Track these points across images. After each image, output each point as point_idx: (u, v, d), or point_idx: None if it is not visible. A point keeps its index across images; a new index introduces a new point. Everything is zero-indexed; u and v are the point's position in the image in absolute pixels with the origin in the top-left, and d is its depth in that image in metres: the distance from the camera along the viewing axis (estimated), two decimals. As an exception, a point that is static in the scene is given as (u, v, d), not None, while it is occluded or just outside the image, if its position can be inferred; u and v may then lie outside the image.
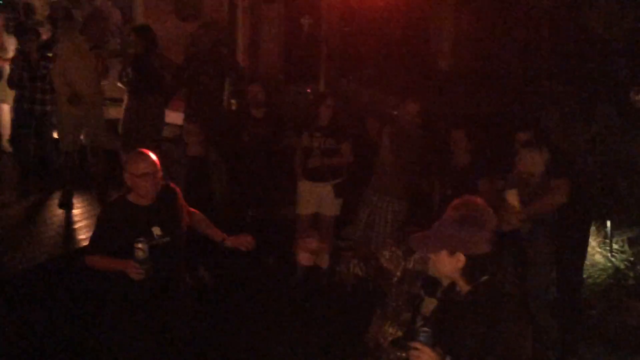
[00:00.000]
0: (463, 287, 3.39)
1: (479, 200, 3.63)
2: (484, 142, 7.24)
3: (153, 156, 4.72)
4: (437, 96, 10.52)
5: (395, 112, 8.00)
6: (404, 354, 3.48)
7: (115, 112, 9.73)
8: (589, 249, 7.21)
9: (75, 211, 8.92)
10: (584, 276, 7.05)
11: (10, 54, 10.06)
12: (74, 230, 8.51)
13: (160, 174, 4.72)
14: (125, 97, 9.25)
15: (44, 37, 10.43)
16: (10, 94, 9.74)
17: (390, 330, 3.83)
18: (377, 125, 7.56)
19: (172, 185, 5.04)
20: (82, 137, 8.98)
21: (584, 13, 7.18)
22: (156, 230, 4.69)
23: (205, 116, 8.20)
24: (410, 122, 7.36)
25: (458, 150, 6.94)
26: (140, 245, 4.41)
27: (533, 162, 5.92)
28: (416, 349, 3.23)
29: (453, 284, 3.45)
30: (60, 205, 8.91)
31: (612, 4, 6.88)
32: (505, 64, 9.66)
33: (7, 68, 9.67)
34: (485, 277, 3.33)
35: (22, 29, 10.22)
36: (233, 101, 10.04)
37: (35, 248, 7.94)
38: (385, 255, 3.97)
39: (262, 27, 12.24)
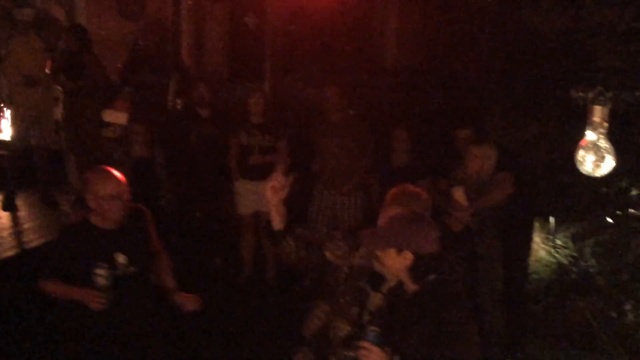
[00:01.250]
0: (410, 286, 3.38)
1: (415, 188, 3.67)
2: (426, 140, 7.27)
3: (119, 175, 4.22)
4: (382, 94, 10.57)
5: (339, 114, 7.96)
6: (352, 354, 3.46)
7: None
8: (534, 245, 7.29)
9: (21, 213, 8.84)
10: (529, 272, 7.12)
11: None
12: (19, 233, 8.38)
13: (127, 195, 4.22)
14: (61, 97, 9.20)
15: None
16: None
17: (341, 325, 3.79)
18: None
19: (141, 207, 4.51)
20: (31, 137, 8.91)
21: (525, 11, 7.20)
22: (120, 258, 4.19)
23: (150, 116, 8.13)
24: (333, 107, 7.31)
25: (398, 149, 6.96)
26: (100, 272, 4.00)
27: (484, 159, 5.96)
28: (364, 348, 3.22)
29: (400, 283, 3.44)
30: (5, 208, 8.82)
31: (552, 1, 6.91)
32: (449, 61, 9.69)
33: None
34: (432, 277, 3.32)
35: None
36: (178, 101, 9.93)
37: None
38: (330, 248, 3.92)
39: (206, 25, 12.18)
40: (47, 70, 8.82)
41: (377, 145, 7.35)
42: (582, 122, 4.14)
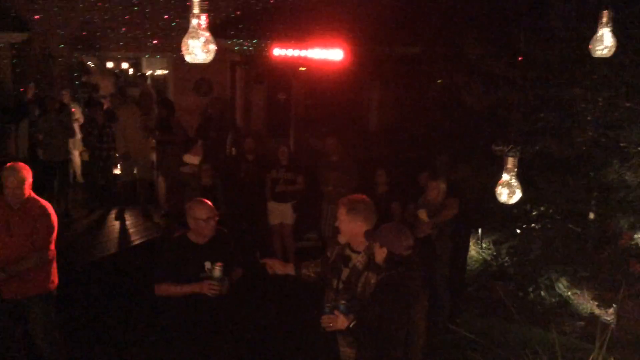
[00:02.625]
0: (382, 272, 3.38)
1: (361, 195, 3.74)
2: (398, 177, 7.27)
3: (211, 204, 4.05)
4: (367, 146, 10.59)
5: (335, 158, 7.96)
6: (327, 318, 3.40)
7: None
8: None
9: (128, 222, 8.78)
10: (466, 265, 7.10)
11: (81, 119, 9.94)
12: (125, 235, 8.35)
13: (216, 219, 4.05)
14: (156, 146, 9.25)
15: (105, 107, 10.36)
16: (79, 143, 9.61)
17: (328, 293, 3.70)
18: None
19: (224, 229, 4.26)
20: (135, 172, 8.88)
21: (462, 93, 7.26)
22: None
23: (214, 159, 8.16)
24: (330, 151, 7.44)
25: (380, 183, 6.96)
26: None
27: (438, 189, 6.02)
28: (335, 315, 3.30)
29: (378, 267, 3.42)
30: (117, 218, 8.75)
31: (479, 88, 6.96)
32: (413, 125, 9.71)
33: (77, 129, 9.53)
34: (392, 271, 3.33)
35: (92, 101, 10.09)
36: (233, 149, 9.96)
37: (99, 247, 7.83)
38: (331, 245, 3.92)
39: (252, 99, 12.23)
40: (143, 129, 8.77)
41: (363, 179, 7.37)
42: (500, 166, 4.15)
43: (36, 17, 11.17)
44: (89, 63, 12.28)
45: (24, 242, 4.27)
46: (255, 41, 11.10)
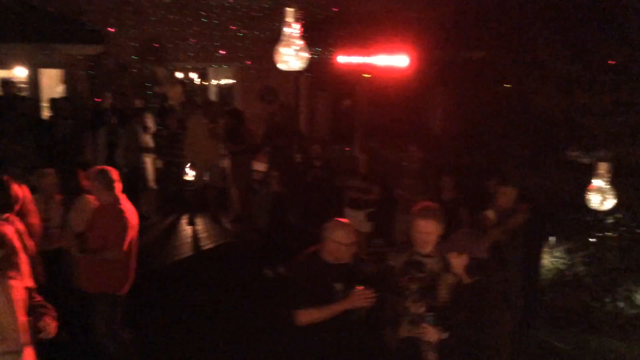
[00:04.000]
0: (466, 280, 3.32)
1: (431, 203, 3.70)
2: (464, 183, 7.17)
3: (353, 228, 3.84)
4: (432, 152, 10.46)
5: (405, 164, 7.92)
6: (416, 330, 3.36)
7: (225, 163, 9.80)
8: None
9: (199, 227, 8.96)
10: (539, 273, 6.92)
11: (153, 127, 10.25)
12: (197, 240, 8.56)
13: (356, 244, 3.78)
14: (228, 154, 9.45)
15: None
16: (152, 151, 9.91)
17: (400, 303, 3.60)
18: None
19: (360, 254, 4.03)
20: (205, 178, 9.10)
21: (532, 97, 7.10)
22: (339, 286, 3.71)
23: (281, 165, 8.25)
24: (411, 158, 7.35)
25: (445, 189, 6.88)
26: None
27: (509, 195, 5.88)
28: (424, 328, 3.20)
29: (460, 278, 3.37)
30: (189, 223, 8.98)
31: (551, 92, 6.79)
32: (479, 130, 9.55)
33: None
34: (479, 277, 3.27)
35: (163, 110, 10.41)
36: (298, 155, 10.04)
37: (172, 251, 8.04)
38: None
39: (316, 106, 12.34)
40: (211, 136, 8.94)
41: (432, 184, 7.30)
42: (573, 172, 4.05)
43: (111, 29, 11.67)
44: (160, 73, 12.66)
45: (99, 238, 4.53)
46: (319, 49, 11.21)
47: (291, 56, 2.67)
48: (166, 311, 6.25)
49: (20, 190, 4.42)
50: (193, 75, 14.93)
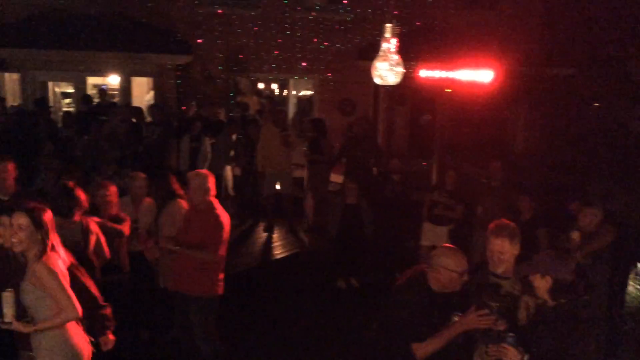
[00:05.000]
0: (549, 302, 3.21)
1: (507, 221, 3.58)
2: (545, 203, 6.92)
3: (464, 256, 3.54)
4: (514, 170, 10.19)
5: (484, 180, 7.73)
6: (495, 349, 3.24)
7: (299, 172, 9.90)
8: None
9: (274, 235, 9.09)
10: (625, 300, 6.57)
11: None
12: (273, 246, 8.69)
13: (467, 273, 3.51)
14: (306, 164, 9.56)
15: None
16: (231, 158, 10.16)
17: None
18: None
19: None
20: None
21: (621, 114, 6.78)
22: (455, 317, 3.41)
23: (358, 177, 8.24)
24: (493, 175, 7.13)
25: (523, 209, 6.65)
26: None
27: (593, 217, 5.62)
28: (504, 348, 3.10)
29: (544, 300, 3.25)
30: (265, 230, 9.14)
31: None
32: (563, 149, 9.25)
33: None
34: (565, 299, 3.15)
35: (244, 120, 10.66)
36: (375, 168, 10.02)
37: (248, 257, 8.19)
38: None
39: (395, 120, 12.31)
40: (283, 144, 8.98)
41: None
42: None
43: (199, 40, 12.14)
44: (243, 83, 13.04)
45: (195, 240, 4.64)
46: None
47: (387, 71, 2.68)
48: (238, 317, 6.35)
49: (84, 194, 4.47)
50: (274, 86, 15.26)
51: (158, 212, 5.34)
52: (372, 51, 11.90)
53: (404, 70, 2.50)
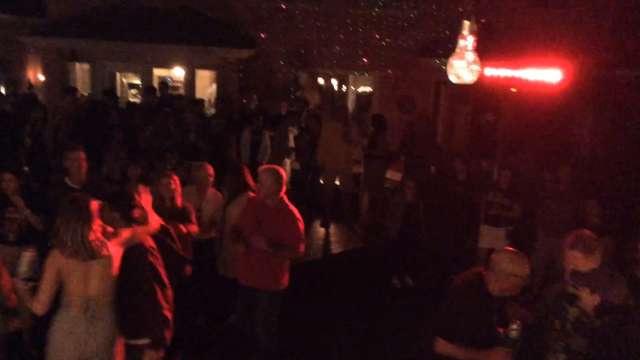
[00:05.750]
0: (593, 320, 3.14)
1: (588, 232, 3.47)
2: (612, 208, 6.66)
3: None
4: (580, 174, 9.88)
5: (547, 183, 7.52)
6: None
7: (357, 169, 9.88)
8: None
9: (331, 230, 9.12)
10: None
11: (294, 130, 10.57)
12: (329, 242, 8.73)
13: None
14: (363, 160, 9.54)
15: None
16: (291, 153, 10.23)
17: (550, 335, 3.48)
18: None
19: None
20: (337, 183, 9.24)
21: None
22: (515, 325, 3.35)
23: (417, 176, 8.16)
24: (561, 179, 6.89)
25: (590, 215, 6.43)
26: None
27: None
28: None
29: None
30: (322, 226, 9.18)
31: None
32: (631, 155, 8.89)
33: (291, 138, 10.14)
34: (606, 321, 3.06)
35: (305, 115, 10.74)
36: (433, 167, 9.90)
37: (308, 250, 8.19)
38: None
39: (456, 118, 12.13)
40: (344, 140, 8.96)
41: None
42: None
43: (262, 35, 12.29)
44: (304, 78, 13.11)
45: (275, 238, 4.57)
46: (463, 60, 11.01)
47: (463, 69, 2.63)
48: (293, 311, 6.39)
49: (140, 197, 4.27)
50: (333, 82, 15.30)
51: (228, 203, 5.39)
52: (435, 48, 11.91)
53: (481, 69, 2.46)
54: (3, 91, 12.67)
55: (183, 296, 4.39)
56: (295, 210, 4.70)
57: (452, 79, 2.74)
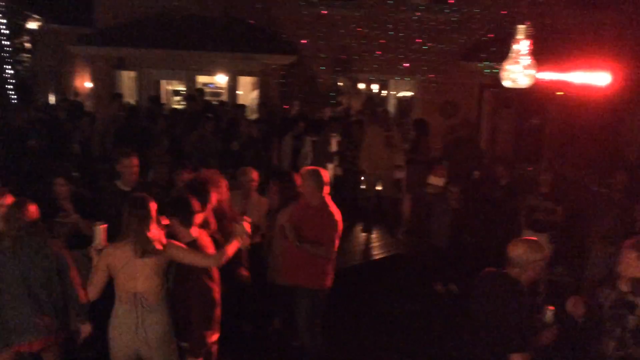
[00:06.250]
0: None
1: None
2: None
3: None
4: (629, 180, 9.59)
5: (595, 188, 7.33)
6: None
7: (399, 174, 9.80)
8: None
9: (372, 235, 9.08)
10: None
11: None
12: (371, 247, 8.70)
13: None
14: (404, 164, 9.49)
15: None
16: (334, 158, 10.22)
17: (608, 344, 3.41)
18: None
19: None
20: (379, 188, 9.21)
21: None
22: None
23: (460, 181, 8.06)
24: (616, 187, 6.67)
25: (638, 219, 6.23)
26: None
27: None
28: None
29: None
30: (363, 231, 9.16)
31: None
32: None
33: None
34: None
35: (347, 120, 10.74)
36: (476, 172, 9.76)
37: (345, 256, 8.16)
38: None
39: (500, 123, 11.94)
40: (386, 145, 8.93)
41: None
42: None
43: (303, 41, 12.37)
44: (344, 83, 13.13)
45: (309, 237, 4.72)
46: (507, 64, 10.84)
47: (518, 73, 2.60)
48: (334, 314, 6.40)
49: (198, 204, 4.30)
50: (374, 87, 15.25)
51: (278, 210, 5.41)
52: (478, 52, 11.75)
53: (536, 73, 2.41)
54: (53, 98, 13.09)
55: (232, 300, 4.45)
56: (337, 211, 4.79)
57: (507, 83, 2.71)
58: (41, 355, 4.16)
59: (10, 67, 10.58)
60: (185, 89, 13.10)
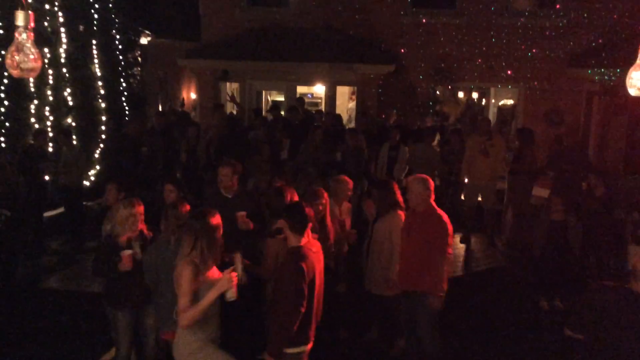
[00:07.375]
0: None
1: None
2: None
3: None
4: None
5: None
6: None
7: (501, 185, 9.57)
8: None
9: (471, 247, 8.91)
10: None
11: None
12: (470, 259, 8.51)
13: None
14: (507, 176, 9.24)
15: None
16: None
17: None
18: None
19: None
20: (479, 199, 9.02)
21: None
22: None
23: (567, 192, 7.75)
24: None
25: None
26: None
27: None
28: None
29: None
30: (462, 241, 9.01)
31: None
32: None
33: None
34: None
35: (448, 129, 10.61)
36: (584, 183, 9.32)
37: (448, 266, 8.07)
38: None
39: (610, 132, 11.34)
40: (482, 153, 8.70)
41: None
42: None
43: (402, 50, 12.38)
44: (444, 92, 13.00)
45: (420, 242, 4.81)
46: (619, 70, 10.30)
47: (644, 80, 2.51)
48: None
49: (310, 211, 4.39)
50: (474, 95, 14.96)
51: (376, 219, 5.44)
52: (586, 58, 11.25)
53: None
54: (160, 109, 13.90)
55: (329, 308, 4.54)
56: (444, 214, 4.89)
57: (633, 92, 2.62)
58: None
59: (123, 80, 11.34)
60: (284, 99, 13.47)
